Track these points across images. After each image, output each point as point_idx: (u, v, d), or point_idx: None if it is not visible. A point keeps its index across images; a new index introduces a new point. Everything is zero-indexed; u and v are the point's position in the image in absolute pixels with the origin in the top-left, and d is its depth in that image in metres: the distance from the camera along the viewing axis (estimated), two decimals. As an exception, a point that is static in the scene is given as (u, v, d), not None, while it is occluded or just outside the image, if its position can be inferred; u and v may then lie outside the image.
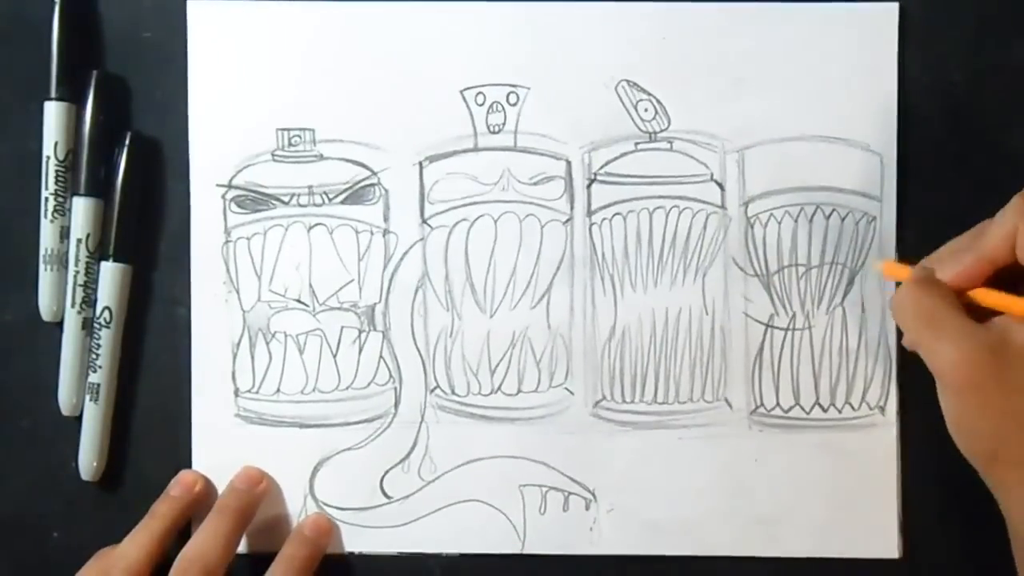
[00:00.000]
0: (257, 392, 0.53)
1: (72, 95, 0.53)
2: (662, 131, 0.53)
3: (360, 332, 0.53)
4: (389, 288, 0.53)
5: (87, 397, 0.53)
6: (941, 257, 0.46)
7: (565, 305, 0.53)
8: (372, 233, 0.53)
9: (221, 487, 0.53)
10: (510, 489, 0.53)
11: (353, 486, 0.53)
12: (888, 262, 0.52)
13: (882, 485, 0.52)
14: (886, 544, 0.52)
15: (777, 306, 0.53)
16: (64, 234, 0.53)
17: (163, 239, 0.54)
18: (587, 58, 0.53)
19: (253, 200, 0.53)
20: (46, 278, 0.53)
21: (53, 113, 0.52)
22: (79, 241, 0.52)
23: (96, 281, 0.53)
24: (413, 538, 0.53)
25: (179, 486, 0.52)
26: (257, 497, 0.52)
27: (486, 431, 0.53)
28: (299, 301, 0.53)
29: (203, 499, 0.52)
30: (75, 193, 0.53)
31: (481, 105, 0.53)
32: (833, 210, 0.52)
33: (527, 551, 0.53)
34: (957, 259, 0.44)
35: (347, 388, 0.53)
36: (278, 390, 0.53)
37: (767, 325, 0.53)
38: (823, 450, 0.52)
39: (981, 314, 0.43)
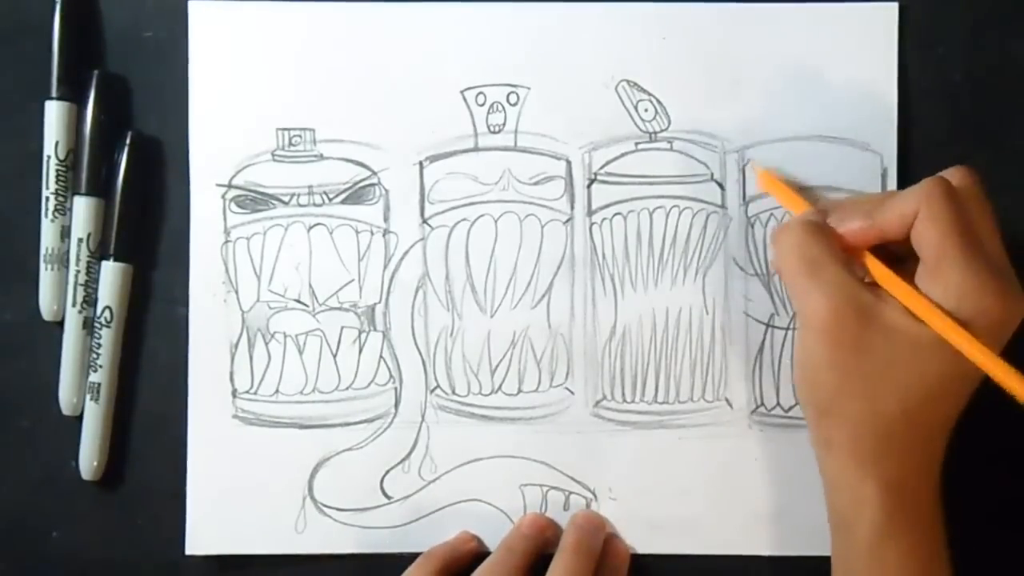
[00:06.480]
0: (255, 393, 0.53)
1: (73, 94, 0.53)
2: (662, 131, 0.53)
3: (360, 332, 0.53)
4: (389, 288, 0.53)
5: (87, 397, 0.53)
6: (843, 207, 0.46)
7: (565, 305, 0.53)
8: (372, 233, 0.53)
9: (220, 490, 0.53)
10: (511, 489, 0.53)
11: (353, 487, 0.53)
12: (766, 171, 0.51)
13: (882, 485, 0.52)
14: (886, 544, 0.52)
15: (777, 305, 0.53)
16: (65, 234, 0.53)
17: (163, 239, 0.54)
18: (587, 58, 0.53)
19: (253, 200, 0.53)
20: (47, 277, 0.53)
21: (54, 112, 0.52)
22: (80, 240, 0.52)
23: (97, 280, 0.53)
24: (414, 538, 0.53)
25: (532, 526, 0.52)
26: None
27: (487, 431, 0.53)
28: (299, 301, 0.53)
29: (551, 541, 0.52)
30: (76, 192, 0.53)
31: (481, 105, 0.53)
32: (834, 209, 0.52)
33: (528, 551, 0.53)
34: (853, 218, 0.45)
35: (347, 388, 0.53)
36: (277, 391, 0.53)
37: (767, 324, 0.53)
38: (823, 449, 0.52)
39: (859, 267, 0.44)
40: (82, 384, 0.53)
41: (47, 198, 0.52)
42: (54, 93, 0.53)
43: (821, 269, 0.43)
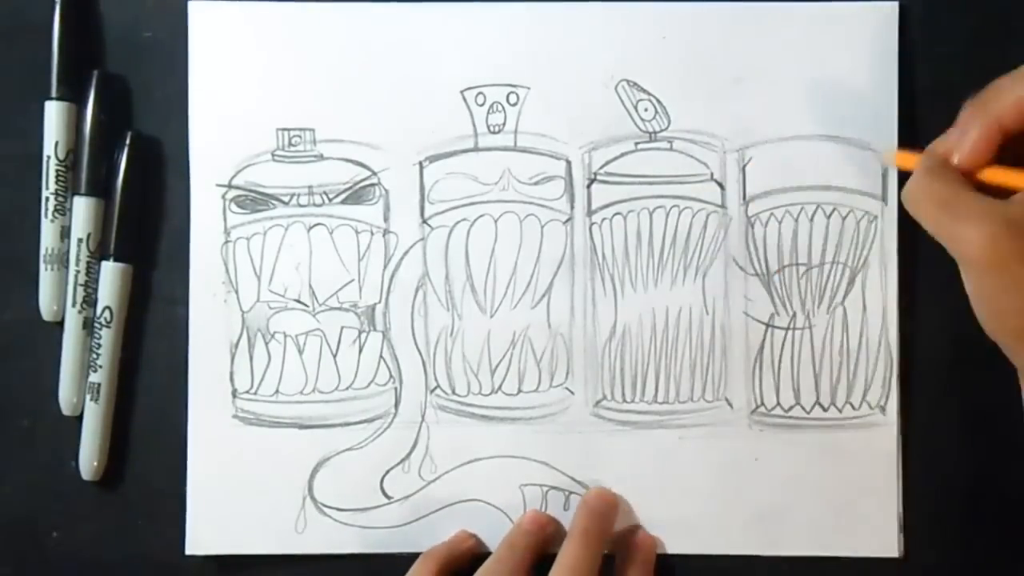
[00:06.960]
0: (255, 393, 0.53)
1: (73, 95, 0.53)
2: (662, 131, 0.53)
3: (360, 332, 0.53)
4: (389, 288, 0.53)
5: (87, 397, 0.53)
6: (948, 136, 0.45)
7: (565, 305, 0.53)
8: (372, 233, 0.53)
9: (220, 490, 0.53)
10: (511, 489, 0.53)
11: (353, 486, 0.53)
12: (900, 152, 0.51)
13: (882, 485, 0.52)
14: (886, 544, 0.52)
15: (777, 305, 0.53)
16: (64, 234, 0.53)
17: (163, 239, 0.54)
18: (587, 58, 0.53)
19: (253, 200, 0.53)
20: (46, 278, 0.53)
21: (54, 113, 0.52)
22: (80, 241, 0.52)
23: (96, 281, 0.53)
24: (414, 538, 0.53)
25: (533, 523, 0.53)
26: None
27: (486, 431, 0.53)
28: (299, 301, 0.53)
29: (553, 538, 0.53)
30: (76, 193, 0.53)
31: (481, 105, 0.53)
32: (834, 209, 0.52)
33: (528, 551, 0.53)
34: (964, 133, 0.44)
35: (347, 388, 0.53)
36: (277, 391, 0.53)
37: (767, 325, 0.53)
38: (823, 450, 0.52)
39: (996, 195, 0.42)
40: (82, 384, 0.53)
41: (47, 198, 0.52)
42: (54, 93, 0.53)
43: (957, 204, 0.42)
